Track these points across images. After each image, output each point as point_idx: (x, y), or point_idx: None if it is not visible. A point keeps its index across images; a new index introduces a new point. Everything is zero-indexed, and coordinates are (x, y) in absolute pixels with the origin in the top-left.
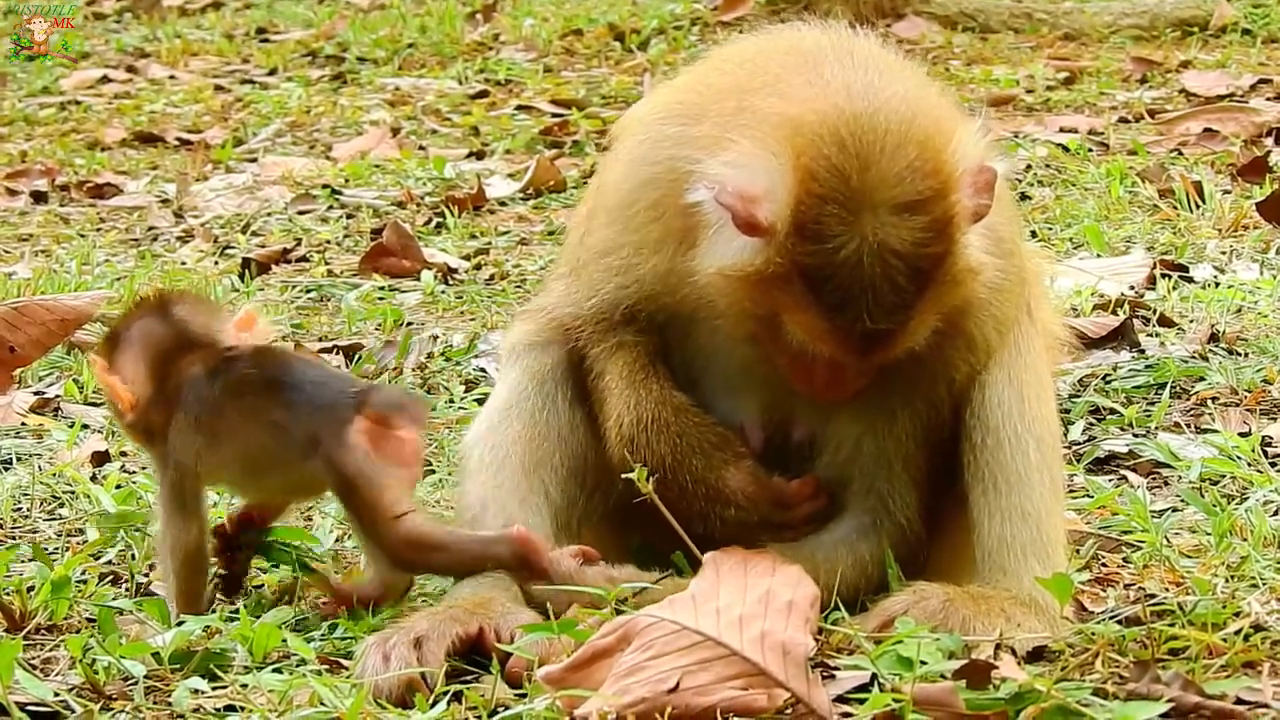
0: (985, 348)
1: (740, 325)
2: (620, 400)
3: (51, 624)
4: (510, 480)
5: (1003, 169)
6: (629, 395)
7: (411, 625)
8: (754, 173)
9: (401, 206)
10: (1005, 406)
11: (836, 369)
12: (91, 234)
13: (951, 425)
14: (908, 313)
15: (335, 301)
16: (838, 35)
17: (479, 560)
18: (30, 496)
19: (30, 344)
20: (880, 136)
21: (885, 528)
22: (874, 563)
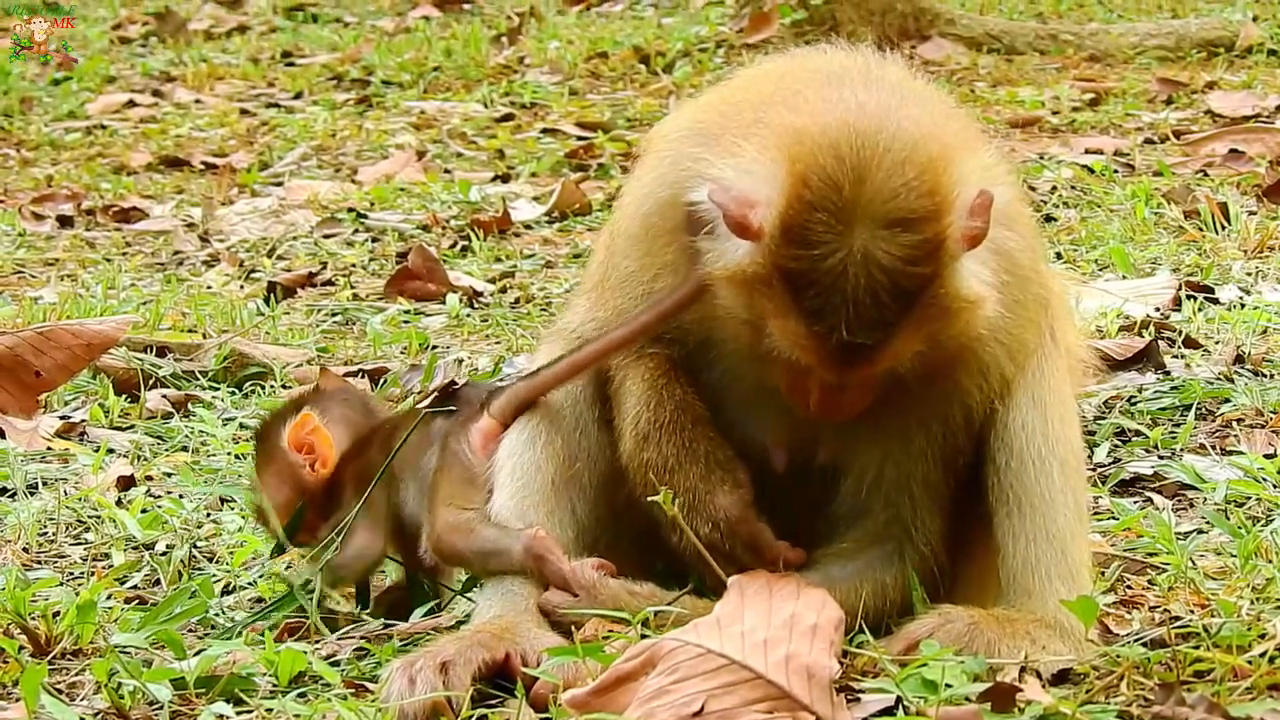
0: (999, 375)
1: (736, 334)
2: (641, 401)
3: (77, 648)
4: (537, 497)
5: (1007, 195)
6: (650, 397)
7: (437, 650)
8: (753, 177)
9: (427, 230)
10: (1029, 429)
11: (828, 388)
12: (117, 258)
13: (974, 448)
14: (888, 330)
15: (361, 325)
16: (864, 58)
17: (494, 553)
18: (56, 521)
19: (56, 368)
20: (880, 153)
21: (908, 555)
22: (895, 589)
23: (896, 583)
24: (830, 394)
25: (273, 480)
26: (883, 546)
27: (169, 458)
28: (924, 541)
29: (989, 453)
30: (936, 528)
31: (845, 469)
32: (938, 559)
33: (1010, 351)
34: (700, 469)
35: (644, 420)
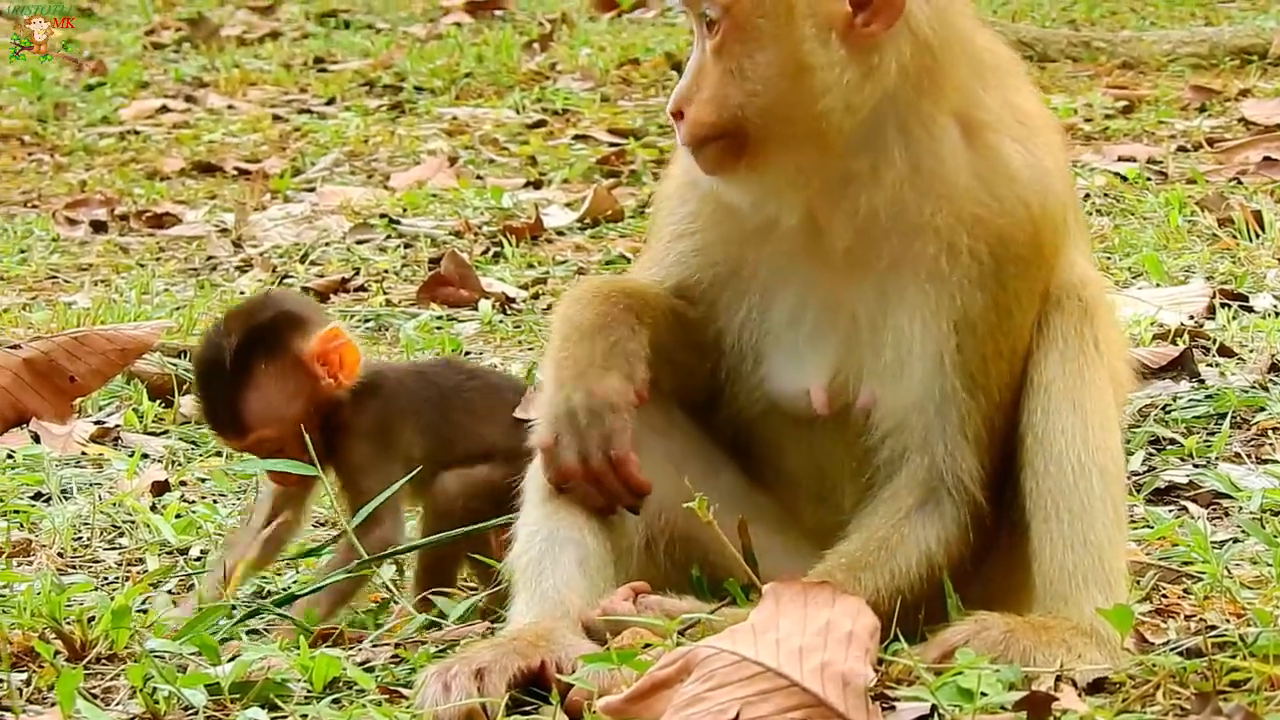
0: (993, 275)
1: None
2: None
3: (112, 653)
4: (566, 504)
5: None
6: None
7: (473, 656)
8: None
9: (459, 236)
10: (1069, 435)
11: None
12: (151, 263)
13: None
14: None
15: (393, 331)
16: None
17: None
18: (90, 526)
19: (90, 374)
20: None
21: (946, 506)
22: (941, 549)
23: (941, 537)
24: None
25: (278, 390)
26: (922, 496)
27: (203, 463)
28: (967, 480)
29: (1027, 458)
30: (975, 466)
31: (884, 408)
32: (979, 507)
33: (996, 251)
34: (605, 346)
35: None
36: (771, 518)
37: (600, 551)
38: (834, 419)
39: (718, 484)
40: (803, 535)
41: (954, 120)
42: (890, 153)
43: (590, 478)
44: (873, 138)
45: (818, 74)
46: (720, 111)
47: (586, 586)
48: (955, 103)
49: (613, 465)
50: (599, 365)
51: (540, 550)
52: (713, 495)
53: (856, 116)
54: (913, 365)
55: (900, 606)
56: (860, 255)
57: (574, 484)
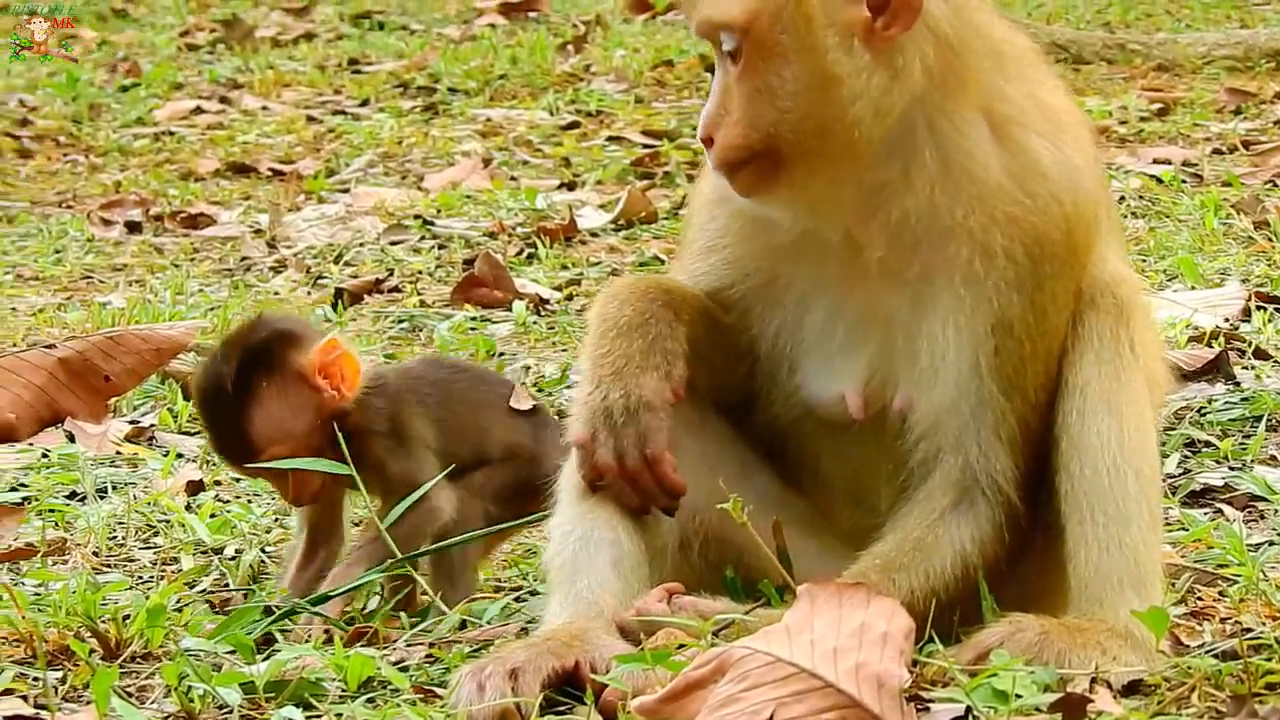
0: (1029, 276)
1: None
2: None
3: (146, 652)
4: (600, 504)
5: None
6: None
7: (507, 656)
8: None
9: (493, 237)
10: (1104, 437)
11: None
12: (185, 264)
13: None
14: None
15: (427, 332)
16: None
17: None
18: (125, 525)
19: (125, 373)
20: None
21: (981, 506)
22: (976, 550)
23: (976, 538)
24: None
25: (282, 407)
26: (956, 497)
27: None
28: (997, 487)
29: (1062, 460)
30: (1009, 466)
31: (919, 412)
32: (1013, 508)
33: (1030, 251)
34: (643, 343)
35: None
36: (806, 520)
37: (635, 552)
38: (869, 423)
39: (752, 486)
40: (837, 537)
41: (981, 116)
42: (921, 155)
43: (625, 477)
44: (903, 142)
45: (845, 82)
46: (751, 132)
47: (621, 587)
48: (980, 98)
49: (648, 464)
50: (636, 363)
51: (574, 550)
52: (747, 497)
53: (887, 121)
54: (947, 369)
55: (935, 608)
56: (894, 263)
57: (608, 482)
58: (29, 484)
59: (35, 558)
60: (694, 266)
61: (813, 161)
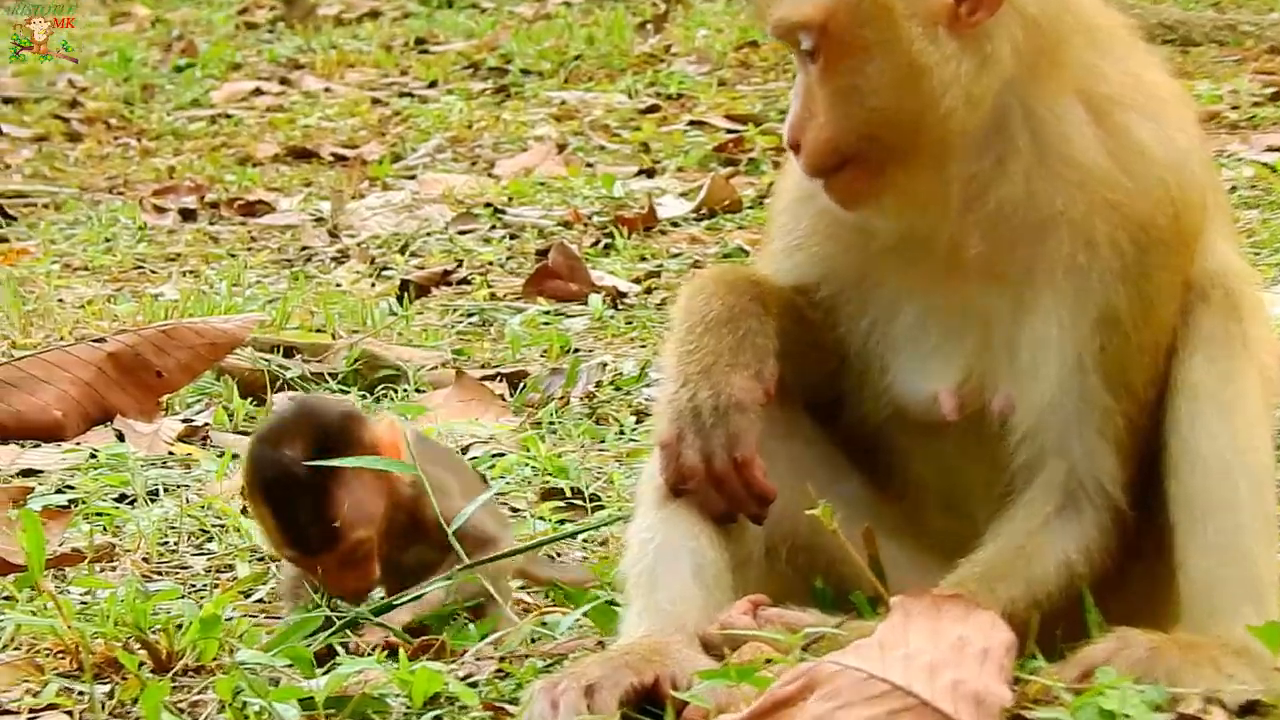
0: (1135, 265)
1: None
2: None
3: (199, 665)
4: (682, 510)
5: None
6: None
7: (583, 671)
8: None
9: (568, 226)
10: (1215, 438)
11: None
12: (242, 254)
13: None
14: None
15: (498, 326)
16: None
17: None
18: (178, 530)
19: (178, 369)
20: None
21: (1086, 506)
22: (1082, 558)
23: (1081, 548)
24: None
25: (363, 488)
26: (1060, 502)
27: None
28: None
29: (1171, 463)
30: (1115, 469)
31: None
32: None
33: (1135, 240)
34: (733, 339)
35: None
36: (899, 527)
37: (718, 561)
38: (965, 424)
39: (842, 491)
40: (931, 546)
41: (1077, 98)
42: (1016, 142)
43: (712, 481)
44: (997, 131)
45: (934, 72)
46: (841, 134)
47: (703, 598)
48: (1076, 79)
49: (737, 468)
50: (726, 360)
51: (654, 559)
52: (837, 503)
53: (979, 110)
54: (1049, 367)
55: (1037, 621)
56: (991, 259)
57: (694, 487)
58: (76, 486)
59: (82, 564)
60: (778, 264)
61: (909, 161)
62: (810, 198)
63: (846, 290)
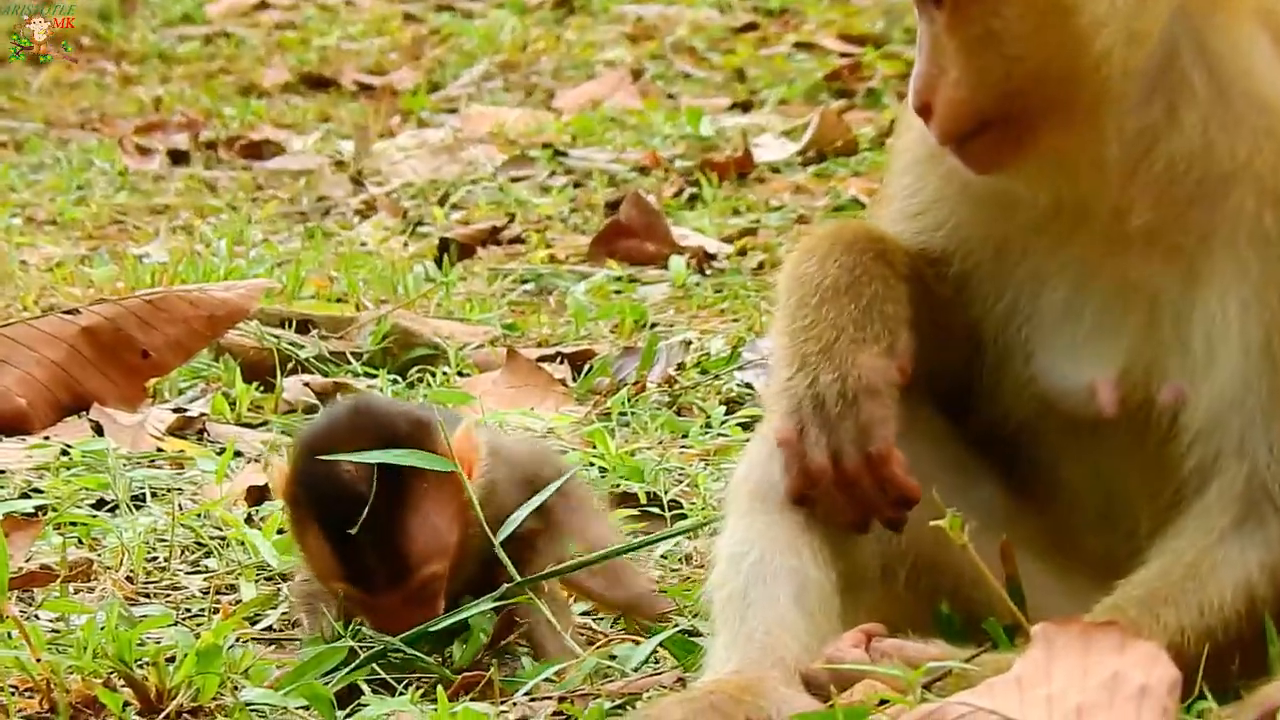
0: None
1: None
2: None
3: (196, 706)
4: (782, 520)
5: None
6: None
7: (659, 715)
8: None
9: (644, 173)
10: None
11: None
12: (246, 205)
13: None
14: None
15: (559, 295)
16: None
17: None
18: (168, 543)
19: (168, 347)
20: None
21: (1271, 518)
22: (1265, 579)
23: (1265, 564)
24: None
25: (440, 512)
26: (1239, 513)
27: None
28: None
29: None
30: None
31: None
32: None
33: None
34: (856, 310)
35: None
36: (1043, 542)
37: (823, 581)
38: (1125, 421)
39: (975, 499)
40: (1082, 565)
41: (1260, 27)
42: (1189, 84)
43: (842, 482)
44: (1165, 73)
45: (1084, 8)
46: (980, 92)
47: (805, 626)
48: (1254, 4)
49: (870, 465)
50: (850, 335)
51: (747, 578)
52: (969, 512)
53: (1143, 49)
54: (1229, 353)
55: (1209, 653)
56: (1159, 226)
57: (820, 492)
58: (45, 489)
59: (54, 584)
60: (899, 230)
61: (1062, 117)
62: (937, 157)
63: (982, 265)
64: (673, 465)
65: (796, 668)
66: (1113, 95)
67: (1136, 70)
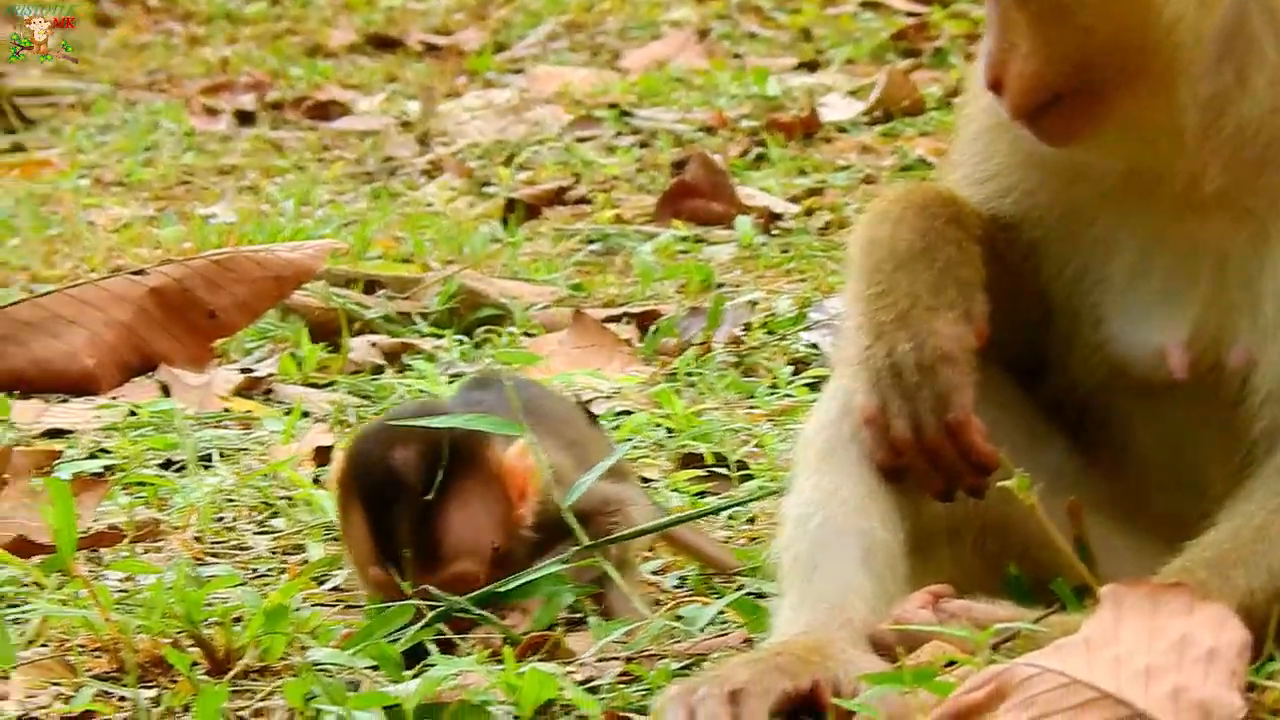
0: None
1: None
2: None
3: (263, 666)
4: (851, 482)
5: None
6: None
7: (726, 675)
8: None
9: (711, 133)
10: None
11: None
12: (312, 165)
13: None
14: None
15: (625, 255)
16: None
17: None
18: (236, 503)
19: (235, 308)
20: None
21: None
22: None
23: None
24: None
25: (481, 512)
26: None
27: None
28: None
29: None
30: None
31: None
32: None
33: None
34: (931, 275)
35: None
36: (1111, 504)
37: (891, 543)
38: (1195, 385)
39: (1044, 462)
40: (1150, 526)
41: None
42: (1258, 48)
43: (924, 452)
44: (1235, 38)
45: None
46: (1052, 66)
47: (873, 588)
48: None
49: (950, 433)
50: (925, 302)
51: (814, 540)
52: (1037, 474)
53: (1213, 13)
54: None
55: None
56: (1230, 190)
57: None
58: (112, 450)
59: (121, 544)
60: (967, 195)
61: (1134, 86)
62: (1005, 126)
63: (1051, 231)
64: (739, 426)
65: (864, 629)
66: (1184, 62)
67: (1207, 35)
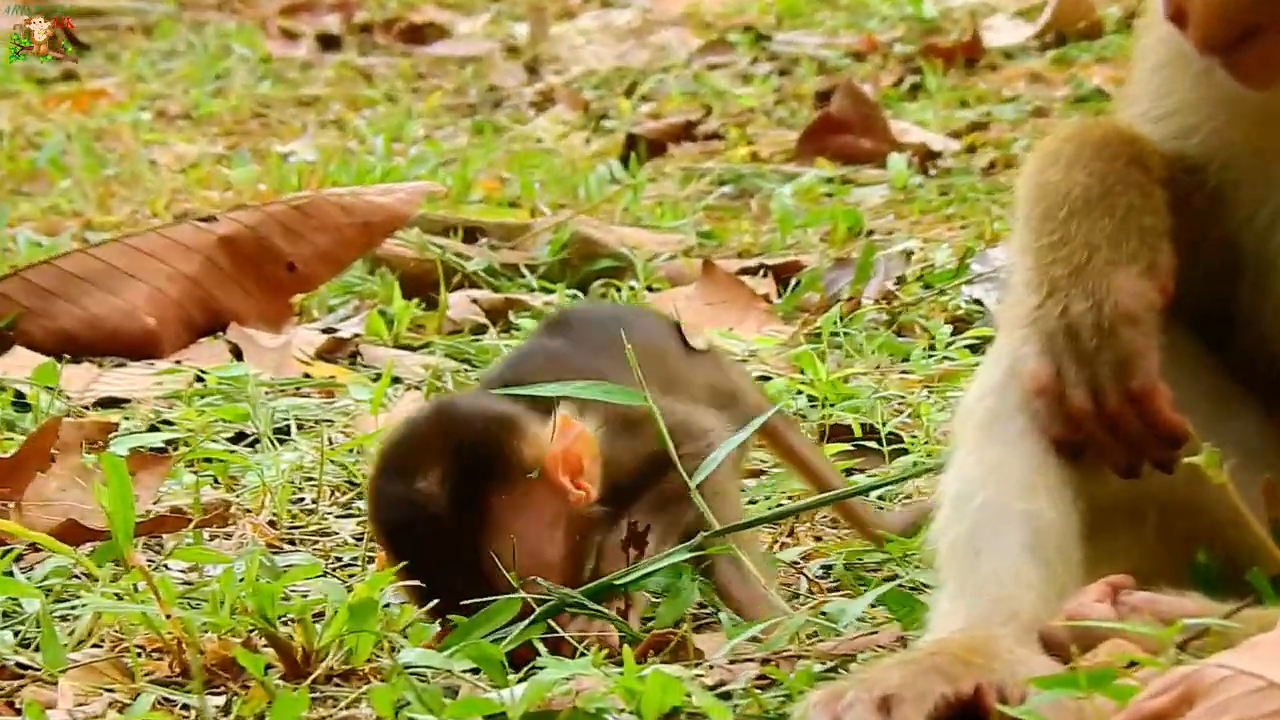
0: None
1: None
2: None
3: (348, 669)
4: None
5: None
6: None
7: (876, 679)
8: None
9: (860, 59)
10: None
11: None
12: (405, 96)
13: None
14: None
15: (761, 199)
16: None
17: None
18: (316, 483)
19: (317, 259)
20: None
21: None
22: None
23: None
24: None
25: (528, 527)
26: None
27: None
28: None
29: None
30: None
31: None
32: None
33: None
34: (1110, 223)
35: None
36: None
37: (1062, 526)
38: None
39: (1235, 432)
40: None
41: None
42: None
43: (1104, 423)
44: None
45: None
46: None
47: (1042, 577)
48: None
49: (1134, 401)
50: (1105, 255)
51: (975, 523)
52: (1227, 448)
53: None
54: None
55: None
56: None
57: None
58: (175, 421)
59: (186, 529)
60: (1146, 133)
61: None
62: (1184, 60)
63: (1242, 174)
64: (892, 393)
65: (1032, 625)
66: None
67: None
